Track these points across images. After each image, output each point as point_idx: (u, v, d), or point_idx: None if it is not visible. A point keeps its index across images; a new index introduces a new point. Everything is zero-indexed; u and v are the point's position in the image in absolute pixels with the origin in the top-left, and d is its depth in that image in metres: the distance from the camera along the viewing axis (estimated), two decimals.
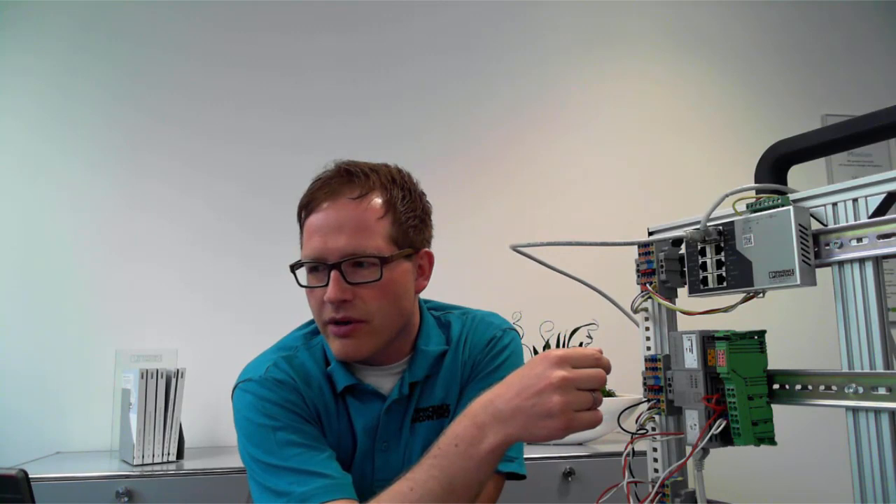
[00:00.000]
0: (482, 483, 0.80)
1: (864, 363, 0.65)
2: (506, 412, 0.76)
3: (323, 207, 0.96)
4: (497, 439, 0.77)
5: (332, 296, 0.93)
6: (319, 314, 0.98)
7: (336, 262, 0.94)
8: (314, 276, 0.98)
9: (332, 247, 0.94)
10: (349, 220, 0.95)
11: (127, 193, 2.22)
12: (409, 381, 1.02)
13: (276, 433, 0.94)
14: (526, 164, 2.46)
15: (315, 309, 0.99)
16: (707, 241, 0.76)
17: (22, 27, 2.23)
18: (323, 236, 0.95)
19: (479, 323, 1.10)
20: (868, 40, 2.81)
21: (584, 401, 0.75)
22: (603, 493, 0.80)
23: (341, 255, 0.94)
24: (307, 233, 0.98)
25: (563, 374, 0.75)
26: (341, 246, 0.94)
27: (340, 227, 0.95)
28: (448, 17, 2.48)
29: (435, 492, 0.78)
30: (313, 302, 0.98)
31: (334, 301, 0.93)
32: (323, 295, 0.94)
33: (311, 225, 0.97)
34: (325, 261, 0.95)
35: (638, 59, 2.60)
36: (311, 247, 0.96)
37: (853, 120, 0.77)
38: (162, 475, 1.68)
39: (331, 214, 0.96)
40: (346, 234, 0.94)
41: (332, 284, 0.93)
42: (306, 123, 2.34)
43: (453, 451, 0.78)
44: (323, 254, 0.95)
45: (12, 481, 0.80)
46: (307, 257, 0.96)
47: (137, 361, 1.90)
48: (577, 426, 0.75)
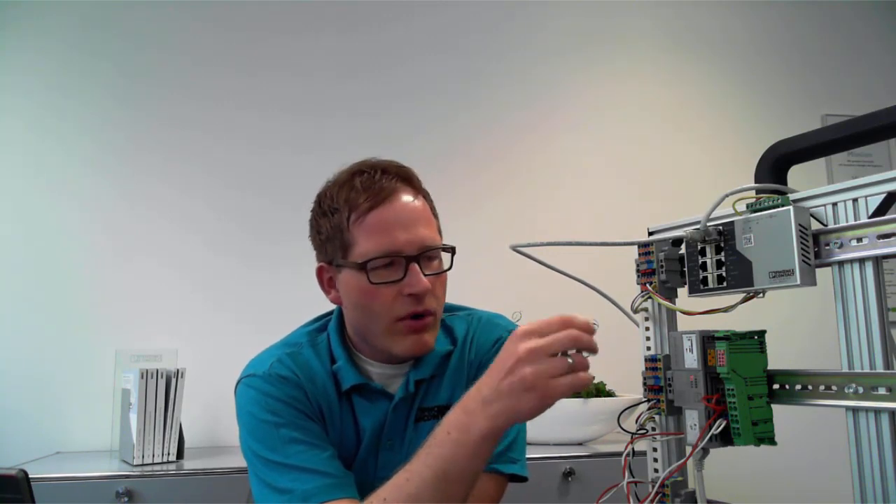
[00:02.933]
0: (476, 472, 0.80)
1: (864, 363, 0.65)
2: (489, 396, 0.77)
3: (388, 202, 0.96)
4: (486, 424, 0.76)
5: (424, 287, 0.94)
6: (391, 310, 0.95)
7: (415, 255, 0.95)
8: (387, 270, 0.95)
9: (409, 239, 0.95)
10: (421, 214, 0.98)
11: (127, 193, 2.22)
12: (414, 379, 1.02)
13: (280, 430, 0.94)
14: (526, 164, 2.46)
15: (385, 305, 0.95)
16: (707, 241, 0.76)
17: (22, 26, 2.23)
18: (402, 228, 0.95)
19: (486, 324, 1.11)
20: (868, 40, 2.81)
21: (557, 366, 0.73)
22: (603, 493, 0.81)
23: (420, 248, 0.95)
24: (377, 227, 0.95)
25: (529, 345, 0.74)
26: (420, 238, 0.95)
27: (415, 220, 0.96)
28: (447, 18, 2.48)
29: (429, 480, 0.78)
30: (384, 297, 0.95)
31: (425, 292, 0.94)
32: (397, 290, 0.94)
33: (384, 219, 0.95)
34: (402, 253, 0.94)
35: (638, 60, 2.60)
36: (388, 240, 0.94)
37: (853, 120, 0.77)
38: (162, 475, 1.68)
39: (404, 208, 0.96)
40: (421, 227, 0.96)
41: (419, 276, 0.94)
42: (305, 124, 2.34)
43: (446, 440, 0.79)
44: (402, 247, 0.94)
45: (12, 481, 0.80)
46: (385, 251, 0.94)
47: (137, 361, 1.90)
48: (555, 393, 0.73)
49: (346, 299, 1.00)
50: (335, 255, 0.99)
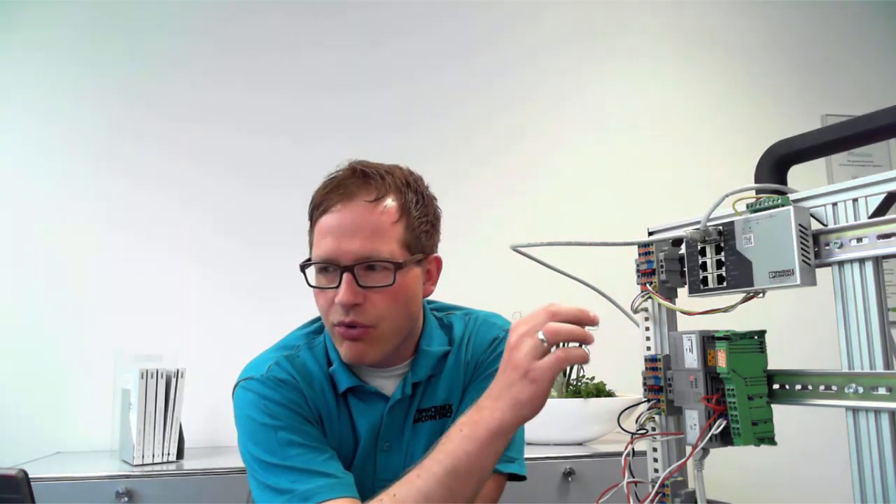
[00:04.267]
0: (485, 469, 0.80)
1: (864, 363, 0.65)
2: (496, 391, 0.80)
3: (338, 208, 0.95)
4: (494, 417, 0.78)
5: (344, 299, 0.92)
6: (327, 315, 0.97)
7: (349, 265, 0.93)
8: (325, 276, 0.96)
9: (346, 249, 0.93)
10: (365, 223, 0.94)
11: (128, 193, 2.22)
12: (411, 382, 1.02)
13: (278, 433, 0.94)
14: (526, 165, 2.46)
15: (323, 310, 0.97)
16: (707, 241, 0.76)
17: (29, 15, 2.23)
18: (337, 238, 0.93)
19: (482, 324, 1.11)
20: (868, 40, 2.81)
21: (539, 346, 0.77)
22: (603, 493, 0.81)
23: (355, 259, 0.93)
24: (320, 232, 0.96)
25: (517, 332, 0.79)
26: (356, 249, 0.93)
27: (355, 230, 0.93)
28: (447, 19, 2.48)
29: (438, 475, 0.79)
30: (322, 302, 0.97)
31: (346, 304, 0.93)
32: (333, 296, 0.93)
33: (325, 225, 0.95)
34: (337, 262, 0.93)
35: (638, 60, 2.60)
36: (325, 247, 0.94)
37: (853, 120, 0.77)
38: (162, 475, 1.68)
39: (346, 216, 0.94)
40: (360, 237, 0.93)
41: (344, 287, 0.92)
42: (307, 124, 2.34)
43: (458, 436, 0.80)
44: (336, 255, 0.93)
45: (12, 481, 0.80)
46: (319, 258, 0.95)
47: (137, 361, 1.89)
48: (543, 374, 0.76)
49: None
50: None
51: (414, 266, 0.98)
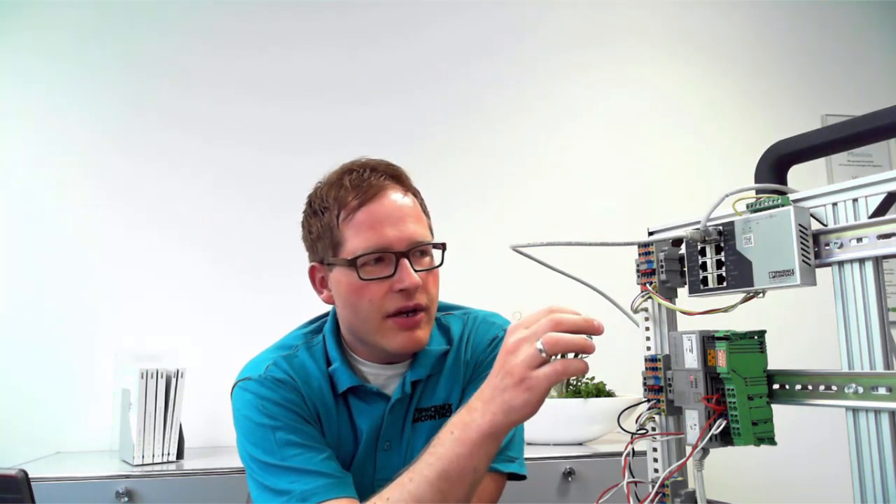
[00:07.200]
0: (477, 471, 0.79)
1: (864, 363, 0.65)
2: (488, 393, 0.78)
3: (378, 198, 0.96)
4: (485, 420, 0.77)
5: (414, 281, 0.94)
6: (381, 306, 0.95)
7: (405, 251, 0.95)
8: (376, 266, 0.95)
9: (400, 235, 0.95)
10: (410, 210, 0.98)
11: (128, 193, 2.22)
12: (411, 380, 1.02)
13: (276, 433, 0.94)
14: (526, 165, 2.46)
15: (376, 301, 0.95)
16: (707, 241, 0.76)
17: (34, 9, 2.23)
18: (389, 226, 0.95)
19: (481, 323, 1.11)
20: (868, 40, 2.81)
21: (537, 356, 0.74)
22: (603, 493, 0.80)
23: (410, 244, 0.95)
24: (363, 225, 0.95)
25: (515, 337, 0.77)
26: (409, 234, 0.96)
27: (405, 216, 0.96)
28: (448, 19, 2.48)
29: (430, 479, 0.79)
30: (374, 293, 0.95)
31: (414, 287, 0.94)
32: (389, 286, 0.94)
33: (372, 215, 0.95)
34: (391, 249, 0.94)
35: (638, 60, 2.60)
36: (378, 236, 0.94)
37: (853, 120, 0.77)
38: (162, 475, 1.68)
39: (393, 204, 0.97)
40: (411, 222, 0.96)
41: (409, 271, 0.94)
42: (306, 126, 2.34)
43: (449, 439, 0.79)
44: (391, 242, 0.94)
45: (12, 481, 0.81)
46: (374, 247, 0.94)
47: (137, 361, 1.89)
48: (538, 384, 0.73)
49: (338, 298, 1.00)
50: (326, 254, 0.99)
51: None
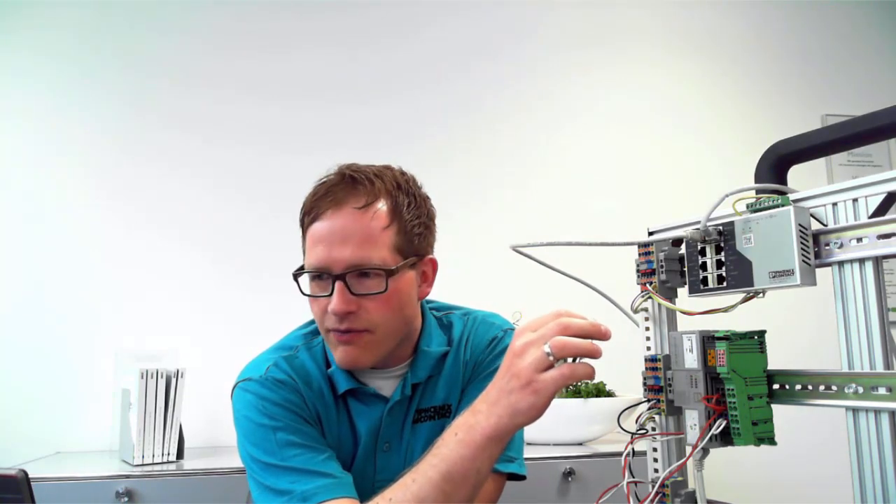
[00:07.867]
0: (480, 473, 0.79)
1: (864, 363, 0.65)
2: (494, 395, 0.77)
3: (327, 215, 0.94)
4: (490, 423, 0.77)
5: (337, 308, 0.92)
6: (322, 322, 0.97)
7: (341, 273, 0.92)
8: (317, 283, 0.96)
9: (336, 257, 0.92)
10: (355, 231, 0.93)
11: (128, 193, 2.22)
12: (411, 383, 1.02)
13: (277, 433, 0.94)
14: (526, 165, 2.46)
15: (318, 316, 0.97)
16: (707, 241, 0.76)
17: (34, 9, 2.23)
18: (328, 246, 0.93)
19: (481, 323, 1.10)
20: (868, 40, 2.81)
21: (544, 359, 0.74)
22: (603, 493, 0.80)
23: (346, 267, 0.92)
24: (311, 241, 0.95)
25: (522, 340, 0.76)
26: (346, 257, 0.92)
27: (346, 238, 0.93)
28: (448, 19, 2.48)
29: (434, 480, 0.78)
30: (316, 309, 0.97)
31: (339, 313, 0.92)
32: (327, 304, 0.93)
33: (316, 233, 0.94)
34: (329, 271, 0.93)
35: (638, 60, 2.60)
36: (316, 256, 0.94)
37: (853, 120, 0.77)
38: (162, 475, 1.68)
39: (336, 223, 0.93)
40: (351, 245, 0.92)
41: (337, 296, 0.92)
42: (307, 125, 2.34)
43: (453, 440, 0.79)
44: (327, 264, 0.93)
45: (12, 481, 0.80)
46: (311, 266, 0.95)
47: (137, 361, 1.89)
48: (545, 387, 0.73)
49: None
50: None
51: (407, 270, 0.97)
